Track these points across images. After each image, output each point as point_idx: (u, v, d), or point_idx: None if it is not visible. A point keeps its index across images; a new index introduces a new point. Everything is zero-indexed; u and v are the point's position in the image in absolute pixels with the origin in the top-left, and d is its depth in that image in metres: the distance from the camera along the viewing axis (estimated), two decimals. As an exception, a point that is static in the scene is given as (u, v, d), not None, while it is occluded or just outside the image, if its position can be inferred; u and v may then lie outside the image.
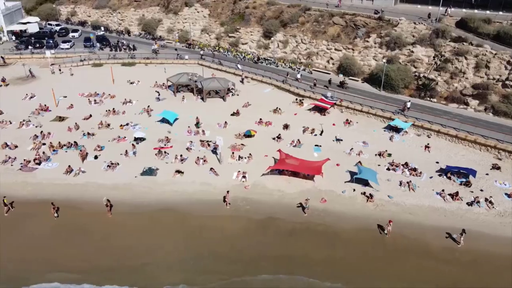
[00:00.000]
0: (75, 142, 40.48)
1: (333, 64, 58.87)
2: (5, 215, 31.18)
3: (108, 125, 44.72)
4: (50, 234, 29.50)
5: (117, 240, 28.95)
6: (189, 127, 44.28)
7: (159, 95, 52.41)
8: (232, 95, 53.17)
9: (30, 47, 67.30)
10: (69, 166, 36.00)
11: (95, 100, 51.09)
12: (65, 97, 51.64)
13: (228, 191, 32.12)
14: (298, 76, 55.24)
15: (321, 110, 48.32)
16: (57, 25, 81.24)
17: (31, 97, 51.83)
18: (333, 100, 48.66)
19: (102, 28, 78.95)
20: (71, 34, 76.01)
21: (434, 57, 50.34)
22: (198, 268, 26.66)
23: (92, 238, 29.00)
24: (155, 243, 28.67)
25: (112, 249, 28.18)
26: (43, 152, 38.16)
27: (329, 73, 57.82)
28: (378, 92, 51.24)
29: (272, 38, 65.45)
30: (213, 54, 66.27)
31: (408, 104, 44.77)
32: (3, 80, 53.26)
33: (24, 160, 37.06)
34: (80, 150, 38.45)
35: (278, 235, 29.46)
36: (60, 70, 58.98)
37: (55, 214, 30.51)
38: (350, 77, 55.39)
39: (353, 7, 64.17)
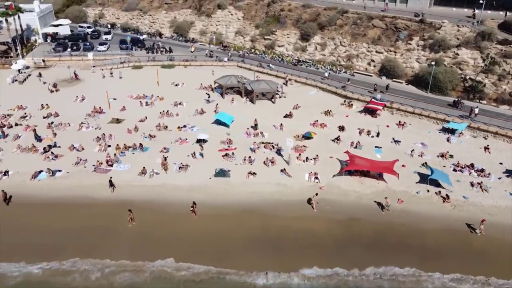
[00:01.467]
0: (140, 144, 41.03)
1: (374, 66, 59.62)
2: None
3: (166, 127, 45.25)
4: (141, 233, 29.98)
5: (207, 241, 29.44)
6: (248, 128, 44.91)
7: (209, 97, 53.01)
8: (279, 97, 53.78)
9: (68, 49, 67.70)
10: (144, 167, 36.50)
11: (146, 103, 51.60)
12: (115, 99, 52.08)
13: (316, 194, 32.68)
14: (326, 74, 57.22)
15: (371, 112, 49.05)
16: (88, 27, 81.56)
17: (82, 99, 52.29)
18: (383, 102, 49.38)
19: (143, 31, 79.39)
20: (103, 37, 76.42)
21: (483, 59, 50.97)
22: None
23: (184, 239, 29.47)
24: (245, 244, 29.15)
25: (206, 250, 28.67)
26: (115, 154, 38.65)
27: (371, 75, 58.57)
28: (425, 94, 51.97)
29: (309, 41, 66.19)
30: (243, 55, 67.03)
31: (476, 110, 44.89)
32: (55, 85, 53.53)
33: (98, 161, 37.58)
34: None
35: (364, 234, 30.05)
36: (111, 73, 59.27)
37: (133, 222, 30.70)
38: (394, 79, 56.18)
39: (389, 10, 65.10)
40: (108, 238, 29.61)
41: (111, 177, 34.38)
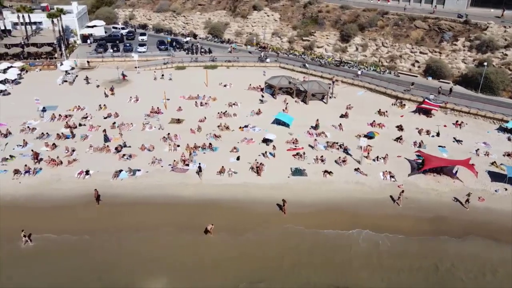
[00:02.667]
0: (210, 144, 41.56)
1: (418, 67, 60.27)
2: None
3: (227, 127, 45.76)
4: (234, 231, 30.47)
5: (302, 238, 30.01)
6: (310, 128, 45.55)
7: (263, 97, 53.60)
8: (330, 97, 54.37)
9: (110, 50, 68.18)
10: (223, 167, 37.01)
11: (201, 103, 52.13)
12: (168, 99, 52.55)
13: (402, 191, 33.29)
14: (359, 72, 58.84)
15: (425, 112, 49.71)
16: (122, 28, 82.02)
17: (136, 100, 52.76)
18: (436, 102, 50.01)
19: (182, 33, 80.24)
20: (139, 38, 76.83)
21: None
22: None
23: (282, 238, 30.05)
24: (341, 244, 29.62)
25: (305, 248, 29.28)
26: (190, 154, 39.16)
27: (416, 76, 59.20)
28: (475, 94, 52.61)
29: (350, 42, 66.86)
30: (277, 55, 67.63)
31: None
32: (112, 89, 53.86)
33: (174, 161, 38.05)
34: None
35: (454, 232, 30.62)
36: (162, 75, 59.66)
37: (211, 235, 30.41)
38: (440, 80, 56.85)
39: (424, 11, 65.88)
40: (201, 235, 30.09)
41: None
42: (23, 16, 63.84)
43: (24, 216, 30.92)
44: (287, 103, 51.80)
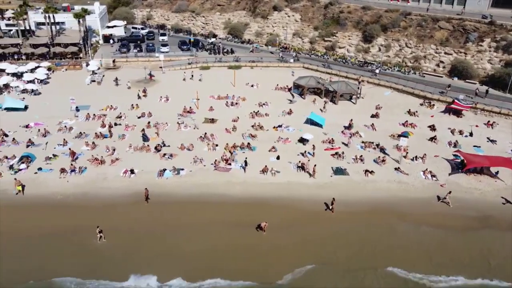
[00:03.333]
0: (248, 143, 41.92)
1: (443, 67, 60.67)
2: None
3: (261, 127, 46.09)
4: (284, 229, 30.80)
5: (353, 236, 30.38)
6: (344, 127, 45.94)
7: (293, 97, 53.98)
8: (357, 98, 54.73)
9: (134, 50, 68.52)
10: (266, 166, 37.34)
11: (231, 103, 52.48)
12: (198, 99, 52.89)
13: (450, 191, 33.66)
14: (377, 71, 60.19)
15: (455, 112, 50.09)
16: (141, 28, 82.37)
17: (166, 100, 53.10)
18: (466, 103, 50.36)
19: (205, 34, 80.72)
20: (160, 38, 77.17)
21: None
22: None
23: (331, 235, 30.42)
24: (392, 244, 29.94)
25: (352, 245, 29.65)
26: (231, 153, 39.48)
27: (441, 76, 59.64)
28: (503, 95, 52.97)
29: (372, 42, 67.25)
30: (296, 56, 68.02)
31: None
32: (144, 91, 53.98)
33: (216, 160, 38.39)
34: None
35: (504, 230, 31.02)
36: (192, 75, 59.91)
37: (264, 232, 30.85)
38: (466, 80, 57.26)
39: (445, 11, 66.28)
40: (255, 233, 30.43)
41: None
42: (49, 16, 64.07)
43: (78, 214, 31.22)
44: (326, 102, 52.38)
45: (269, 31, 76.97)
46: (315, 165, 37.15)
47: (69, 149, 39.61)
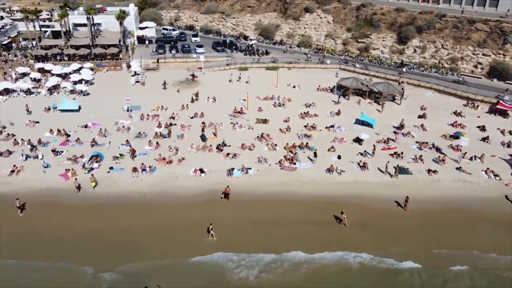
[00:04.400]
0: (307, 143, 42.68)
1: (481, 69, 61.45)
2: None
3: (314, 127, 46.83)
4: (364, 226, 31.56)
5: (430, 235, 31.08)
6: (394, 128, 46.72)
7: (339, 97, 54.73)
8: (401, 98, 55.46)
9: (173, 51, 69.31)
10: (332, 165, 38.10)
11: (279, 104, 53.22)
12: (245, 100, 53.66)
13: None
14: (404, 69, 62.44)
15: (501, 113, 50.84)
16: (172, 29, 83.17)
17: (214, 100, 53.83)
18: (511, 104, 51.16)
19: (244, 35, 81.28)
20: (192, 39, 78.00)
21: None
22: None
23: (407, 233, 31.18)
24: (469, 243, 30.54)
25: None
26: (295, 153, 40.22)
27: (480, 77, 60.43)
28: (545, 95, 53.86)
29: (407, 44, 68.03)
30: (323, 56, 69.37)
31: None
32: (197, 94, 54.17)
33: (281, 160, 39.13)
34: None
35: None
36: (239, 77, 60.57)
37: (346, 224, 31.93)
38: (507, 81, 58.05)
39: (477, 13, 67.08)
40: (334, 231, 31.22)
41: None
42: (89, 17, 64.84)
43: (164, 212, 32.02)
44: (383, 104, 53.25)
45: (300, 33, 77.78)
46: (397, 165, 37.92)
47: (130, 146, 40.46)
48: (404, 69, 62.49)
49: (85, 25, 70.95)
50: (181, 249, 28.61)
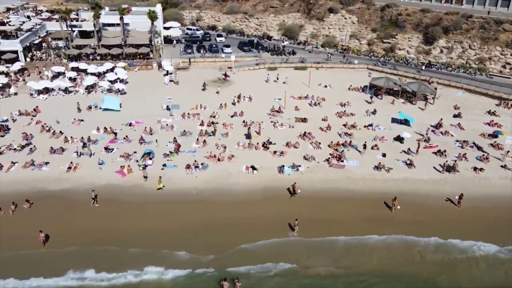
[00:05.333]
0: (350, 141, 43.42)
1: (510, 69, 62.17)
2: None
3: (354, 126, 47.53)
4: (415, 222, 32.28)
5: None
6: (434, 127, 47.41)
7: (371, 97, 55.44)
8: (433, 98, 56.16)
9: (202, 51, 70.04)
10: (380, 162, 38.84)
11: (314, 103, 53.95)
12: (280, 99, 54.38)
13: None
14: (423, 67, 64.73)
15: (537, 111, 51.67)
16: (196, 29, 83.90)
17: (250, 99, 54.51)
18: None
19: (267, 36, 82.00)
20: (217, 39, 78.73)
21: None
22: None
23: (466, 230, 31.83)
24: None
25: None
26: (342, 151, 40.96)
27: (509, 77, 61.18)
28: None
29: (433, 44, 68.76)
30: (343, 56, 70.50)
31: None
32: (239, 96, 54.25)
33: (329, 157, 39.89)
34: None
35: None
36: (277, 78, 61.19)
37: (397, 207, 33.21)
38: (536, 82, 58.91)
39: (501, 13, 67.93)
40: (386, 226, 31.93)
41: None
42: (122, 17, 65.54)
43: (224, 209, 32.79)
44: (426, 103, 54.19)
45: (325, 33, 78.50)
46: (455, 161, 38.80)
47: (175, 141, 41.33)
48: (423, 67, 64.03)
49: (113, 24, 71.88)
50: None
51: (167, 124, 46.18)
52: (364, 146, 40.96)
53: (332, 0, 79.74)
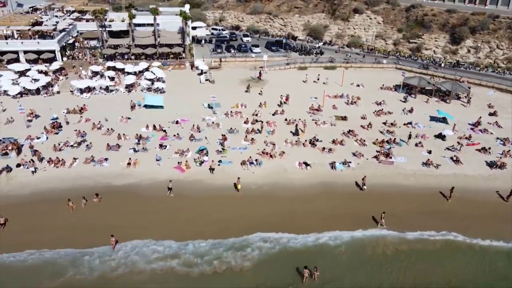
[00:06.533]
0: (394, 138, 44.49)
1: (539, 68, 63.31)
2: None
3: (394, 124, 48.56)
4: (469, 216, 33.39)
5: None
6: (473, 125, 48.50)
7: (406, 96, 56.50)
8: (467, 97, 57.18)
9: (233, 50, 71.16)
10: (428, 159, 39.92)
11: (351, 102, 55.03)
12: (316, 98, 55.47)
13: None
14: (442, 65, 67.14)
15: None
16: (222, 29, 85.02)
17: (287, 99, 55.56)
18: None
19: (292, 36, 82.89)
20: (244, 39, 79.82)
21: None
22: None
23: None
24: None
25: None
26: (389, 148, 42.07)
27: (537, 77, 62.26)
28: None
29: (461, 44, 69.81)
30: (363, 56, 71.64)
31: None
32: (287, 98, 54.63)
33: (377, 154, 40.99)
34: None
35: None
36: (318, 78, 62.21)
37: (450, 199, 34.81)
38: None
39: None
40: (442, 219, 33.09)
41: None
42: (155, 18, 66.69)
43: (286, 204, 33.91)
44: (469, 100, 55.54)
45: (350, 33, 79.56)
46: (500, 158, 39.92)
47: (223, 136, 42.68)
48: (442, 64, 66.56)
49: (143, 25, 72.90)
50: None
51: (213, 122, 47.26)
52: (409, 137, 43.00)
53: (356, 1, 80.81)
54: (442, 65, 67.27)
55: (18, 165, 36.83)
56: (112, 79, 58.48)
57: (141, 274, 27.14)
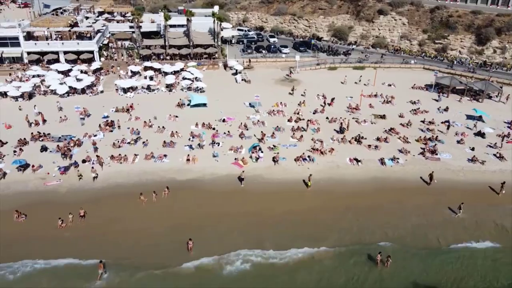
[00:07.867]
0: (437, 136, 46.02)
1: None
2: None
3: (432, 122, 50.09)
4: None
5: None
6: (509, 123, 50.03)
7: (439, 96, 58.05)
8: (498, 96, 58.73)
9: (263, 51, 72.75)
10: (474, 156, 41.50)
11: (386, 101, 56.57)
12: (351, 97, 57.02)
13: None
14: (455, 62, 69.47)
15: None
16: (248, 30, 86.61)
17: (324, 98, 57.07)
18: None
19: (317, 37, 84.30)
20: (271, 40, 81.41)
21: None
22: None
23: None
24: None
25: None
26: (435, 144, 43.63)
27: None
28: None
29: (487, 45, 71.34)
30: (381, 56, 73.06)
31: None
32: (332, 99, 55.74)
33: (424, 151, 42.57)
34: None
35: None
36: (360, 79, 63.53)
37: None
38: None
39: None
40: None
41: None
42: (189, 19, 68.29)
43: (346, 198, 35.53)
44: (508, 97, 57.52)
45: (375, 34, 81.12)
46: None
47: (261, 132, 44.55)
48: (470, 65, 68.62)
49: (174, 26, 74.53)
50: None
51: (258, 121, 48.82)
52: (448, 127, 46.29)
53: (381, 2, 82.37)
54: (471, 65, 68.81)
55: (84, 161, 38.41)
56: (151, 78, 60.03)
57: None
